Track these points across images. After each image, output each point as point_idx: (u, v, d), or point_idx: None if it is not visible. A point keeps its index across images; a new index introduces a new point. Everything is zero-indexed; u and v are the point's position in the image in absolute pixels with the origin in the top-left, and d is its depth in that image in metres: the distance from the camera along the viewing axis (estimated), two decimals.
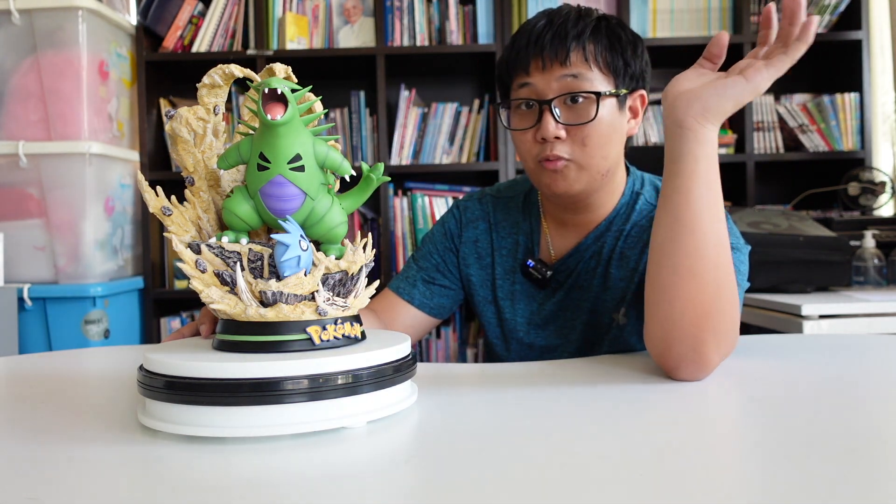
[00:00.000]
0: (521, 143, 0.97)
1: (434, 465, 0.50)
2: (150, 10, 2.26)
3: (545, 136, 0.92)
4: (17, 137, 2.00)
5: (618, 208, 1.01)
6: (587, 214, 1.02)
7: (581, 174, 0.94)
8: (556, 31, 0.91)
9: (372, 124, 2.39)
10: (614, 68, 0.93)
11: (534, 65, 0.93)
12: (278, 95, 0.55)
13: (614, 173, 0.98)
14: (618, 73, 0.93)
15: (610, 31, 0.94)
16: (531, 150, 0.95)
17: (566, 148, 0.93)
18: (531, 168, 0.97)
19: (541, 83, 0.93)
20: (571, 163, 0.93)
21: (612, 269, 1.00)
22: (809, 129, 2.34)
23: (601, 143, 0.93)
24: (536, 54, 0.92)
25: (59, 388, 0.76)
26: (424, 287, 1.10)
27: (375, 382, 0.58)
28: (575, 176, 0.94)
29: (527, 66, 0.93)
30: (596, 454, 0.51)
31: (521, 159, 0.99)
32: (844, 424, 0.57)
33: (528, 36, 0.93)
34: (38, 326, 2.02)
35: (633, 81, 0.96)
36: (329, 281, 0.60)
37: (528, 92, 0.94)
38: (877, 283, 1.84)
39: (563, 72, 0.91)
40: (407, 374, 0.62)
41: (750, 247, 0.95)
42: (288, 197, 0.59)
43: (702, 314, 0.74)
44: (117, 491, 0.46)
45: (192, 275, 0.59)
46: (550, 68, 0.92)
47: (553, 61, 0.91)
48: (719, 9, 2.34)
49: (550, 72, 0.92)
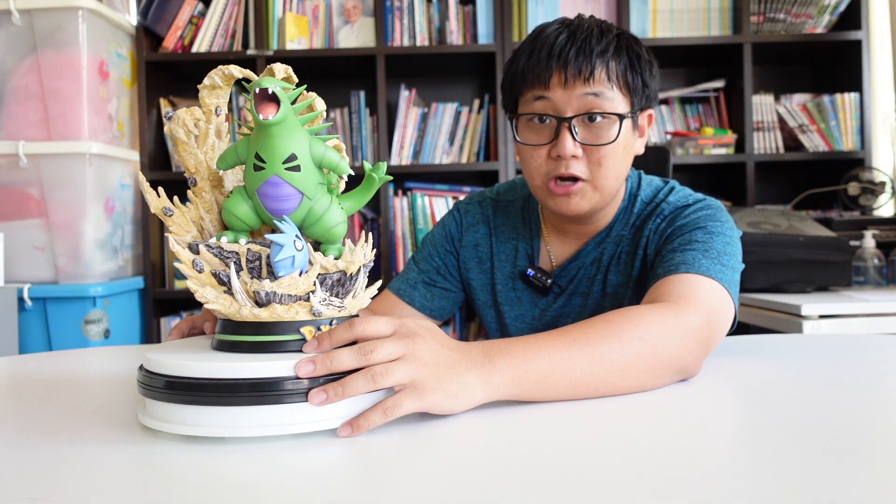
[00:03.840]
0: (531, 159, 0.94)
1: (434, 465, 0.50)
2: (150, 10, 2.26)
3: (562, 154, 0.90)
4: (17, 137, 2.00)
5: (618, 214, 1.01)
6: (589, 225, 1.02)
7: (594, 195, 0.93)
8: (580, 47, 0.89)
9: (372, 124, 2.39)
10: (633, 88, 0.92)
11: (555, 79, 0.90)
12: (270, 95, 0.55)
13: (621, 190, 0.99)
14: (636, 93, 0.92)
15: (630, 49, 0.92)
16: (541, 166, 0.93)
17: (581, 167, 0.91)
18: (538, 185, 0.95)
19: (560, 99, 0.90)
20: (587, 183, 0.92)
21: (611, 276, 1.00)
22: (809, 129, 2.34)
23: (617, 164, 0.92)
24: (559, 69, 0.89)
25: (59, 388, 0.76)
26: (425, 289, 1.10)
27: None
28: (587, 196, 0.93)
29: (547, 79, 0.90)
30: (596, 454, 0.51)
31: (528, 175, 0.96)
32: (844, 424, 0.57)
33: (550, 49, 0.90)
34: (38, 326, 2.02)
35: (647, 101, 0.95)
36: (327, 281, 0.60)
37: (545, 106, 0.91)
38: (877, 283, 1.84)
39: (586, 89, 0.89)
40: None
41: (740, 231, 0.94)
42: (284, 197, 0.59)
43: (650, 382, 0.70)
44: (117, 491, 0.46)
45: (189, 274, 0.59)
46: (573, 85, 0.89)
47: (576, 78, 0.89)
48: (719, 9, 2.34)
49: (572, 88, 0.89)
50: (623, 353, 0.67)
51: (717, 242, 0.88)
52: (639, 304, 0.79)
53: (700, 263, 0.84)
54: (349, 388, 0.54)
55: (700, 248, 0.87)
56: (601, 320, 0.71)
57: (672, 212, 0.96)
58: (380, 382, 0.55)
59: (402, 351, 0.57)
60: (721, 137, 2.31)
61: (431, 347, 0.59)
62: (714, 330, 0.78)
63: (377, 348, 0.56)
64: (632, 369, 0.68)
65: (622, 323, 0.70)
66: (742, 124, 2.31)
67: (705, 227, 0.91)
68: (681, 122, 2.42)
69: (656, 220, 0.97)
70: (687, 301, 0.77)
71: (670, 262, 0.87)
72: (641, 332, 0.69)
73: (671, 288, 0.81)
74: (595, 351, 0.66)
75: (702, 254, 0.85)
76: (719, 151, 2.30)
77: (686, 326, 0.73)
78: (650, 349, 0.69)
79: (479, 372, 0.61)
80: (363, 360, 0.56)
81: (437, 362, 0.58)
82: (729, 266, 0.85)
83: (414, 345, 0.58)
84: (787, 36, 2.29)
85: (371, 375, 0.55)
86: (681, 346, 0.71)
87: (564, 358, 0.65)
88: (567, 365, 0.64)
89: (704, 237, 0.89)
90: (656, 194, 1.00)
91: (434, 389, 0.57)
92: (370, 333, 0.57)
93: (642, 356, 0.68)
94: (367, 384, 0.55)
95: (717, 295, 0.81)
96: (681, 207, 0.96)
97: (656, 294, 0.82)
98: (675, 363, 0.71)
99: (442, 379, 0.58)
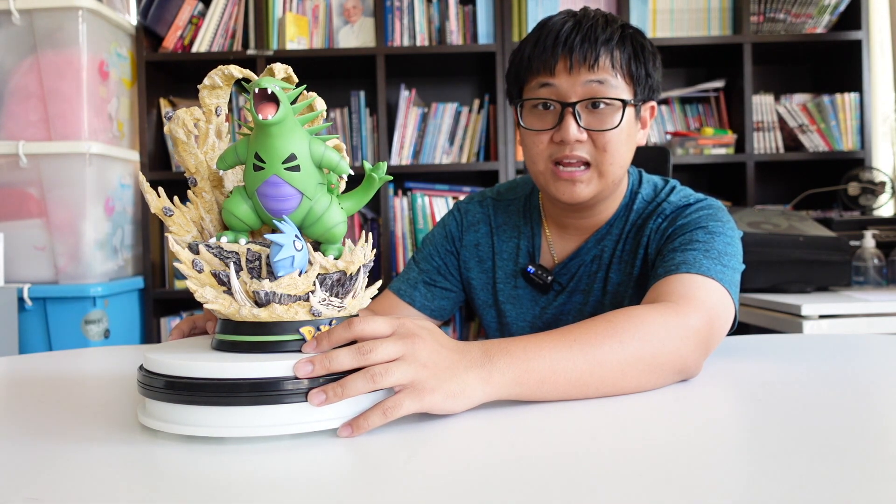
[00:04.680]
0: (534, 144, 0.95)
1: (434, 465, 0.50)
2: (150, 10, 2.26)
3: (566, 138, 0.91)
4: (17, 137, 2.00)
5: (618, 210, 1.02)
6: (590, 219, 1.02)
7: (598, 182, 0.94)
8: (585, 35, 0.90)
9: (372, 124, 2.39)
10: (637, 77, 0.93)
11: (561, 65, 0.91)
12: (269, 95, 0.55)
13: (622, 182, 0.99)
14: (639, 83, 0.94)
15: (635, 40, 0.94)
16: (544, 151, 0.94)
17: (586, 151, 0.92)
18: (540, 170, 0.96)
19: (565, 85, 0.91)
20: (592, 169, 0.93)
21: (612, 274, 1.01)
22: (809, 129, 2.34)
23: (621, 150, 0.93)
24: (565, 55, 0.90)
25: (59, 388, 0.76)
26: (425, 289, 1.10)
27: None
28: (592, 183, 0.93)
29: (552, 66, 0.91)
30: (596, 454, 0.51)
31: (530, 160, 0.97)
32: (844, 424, 0.57)
33: (556, 36, 0.91)
34: (38, 326, 2.02)
35: (650, 92, 0.97)
36: (327, 281, 0.60)
37: (550, 92, 0.93)
38: (877, 283, 1.84)
39: (590, 76, 0.90)
40: None
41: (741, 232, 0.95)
42: (284, 197, 0.59)
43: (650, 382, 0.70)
44: (117, 491, 0.46)
45: (188, 274, 0.59)
46: (578, 71, 0.90)
47: (581, 65, 0.90)
48: (719, 9, 2.34)
49: (577, 75, 0.91)
50: (624, 354, 0.67)
51: (719, 243, 0.88)
52: (639, 304, 0.79)
53: (701, 264, 0.84)
54: (348, 389, 0.54)
55: (701, 248, 0.87)
56: (602, 320, 0.71)
57: (673, 211, 0.97)
58: (379, 383, 0.55)
59: (401, 351, 0.57)
60: (721, 137, 2.31)
61: (431, 348, 0.59)
62: (714, 331, 0.78)
63: (376, 348, 0.56)
64: (632, 370, 0.68)
65: (623, 323, 0.70)
66: (742, 124, 2.31)
67: (706, 226, 0.91)
68: (681, 122, 2.42)
69: (657, 219, 0.98)
70: (688, 301, 0.78)
71: (671, 261, 0.87)
72: (642, 333, 0.69)
73: (672, 288, 0.81)
74: (596, 351, 0.66)
75: (703, 254, 0.86)
76: (719, 151, 2.31)
77: (687, 327, 0.73)
78: (651, 350, 0.69)
79: (478, 372, 0.61)
80: (362, 360, 0.56)
81: (437, 362, 0.58)
82: (729, 266, 0.86)
83: (413, 345, 0.58)
84: (787, 36, 2.29)
85: (370, 376, 0.55)
86: (682, 347, 0.71)
87: (565, 358, 0.65)
88: (568, 365, 0.64)
89: (706, 237, 0.89)
90: (657, 193, 1.01)
91: (434, 390, 0.57)
92: (369, 333, 0.58)
93: (643, 357, 0.68)
94: (366, 384, 0.55)
95: (718, 295, 0.81)
96: (682, 207, 0.97)
97: (657, 294, 0.82)
98: (675, 364, 0.71)
99: (441, 379, 0.58)
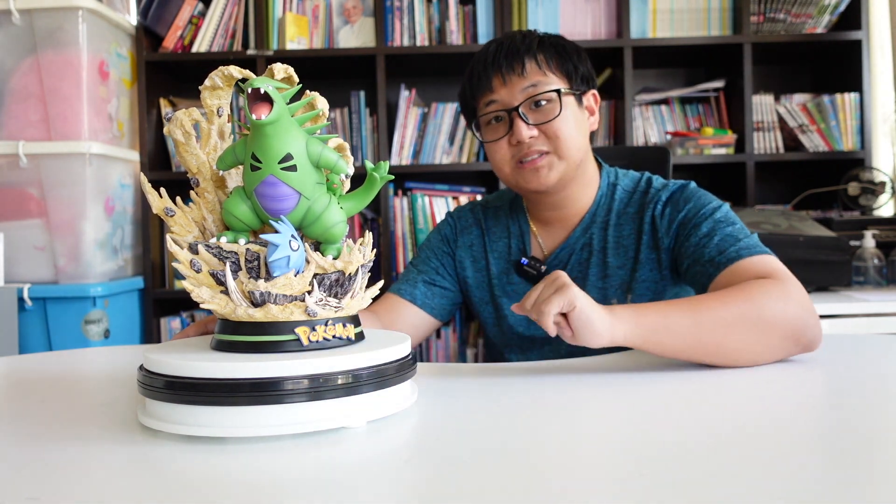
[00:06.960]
0: (496, 153, 1.05)
1: (434, 465, 0.50)
2: (150, 10, 2.26)
3: (520, 138, 1.01)
4: (17, 137, 2.00)
5: (597, 200, 1.09)
6: (567, 209, 1.10)
7: (559, 164, 1.02)
8: (507, 51, 1.02)
9: (372, 124, 2.39)
10: (566, 71, 1.04)
11: (496, 82, 1.02)
12: (263, 95, 0.55)
13: (586, 166, 1.07)
14: (570, 76, 1.04)
15: (554, 42, 1.05)
16: (505, 154, 1.04)
17: (541, 143, 1.01)
18: (508, 173, 1.05)
19: (506, 96, 1.02)
20: (551, 154, 1.01)
21: (610, 258, 1.07)
22: (809, 129, 2.34)
23: (572, 133, 1.02)
24: (496, 72, 1.02)
25: (59, 388, 0.76)
26: (426, 288, 1.14)
27: (375, 382, 0.58)
28: (555, 167, 1.02)
29: (489, 84, 1.03)
30: (596, 453, 0.51)
31: (498, 168, 1.06)
32: (844, 424, 0.57)
33: (485, 60, 1.03)
34: (38, 326, 2.02)
35: (585, 83, 1.07)
36: (325, 281, 0.60)
37: (496, 106, 1.03)
38: (877, 283, 1.84)
39: (524, 83, 1.01)
40: (407, 374, 0.62)
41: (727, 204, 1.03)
42: (281, 197, 0.59)
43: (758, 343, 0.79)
44: (117, 491, 0.46)
45: (186, 274, 0.59)
46: (511, 82, 1.01)
47: (511, 75, 1.01)
48: (719, 9, 2.34)
49: (511, 85, 1.01)
50: (726, 312, 0.78)
51: (731, 216, 0.99)
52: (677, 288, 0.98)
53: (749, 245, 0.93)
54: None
55: (728, 228, 0.96)
56: (708, 293, 0.84)
57: (669, 196, 1.05)
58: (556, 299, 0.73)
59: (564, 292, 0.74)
60: (721, 137, 2.31)
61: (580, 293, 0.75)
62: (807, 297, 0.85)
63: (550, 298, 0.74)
64: (739, 326, 0.78)
65: (725, 293, 0.82)
66: (742, 124, 2.31)
67: (710, 203, 1.01)
68: (681, 122, 2.42)
69: (657, 206, 1.05)
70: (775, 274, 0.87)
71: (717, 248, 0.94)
72: (745, 295, 0.80)
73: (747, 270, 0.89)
74: (701, 307, 0.79)
75: (739, 232, 0.96)
76: (719, 151, 2.30)
77: (787, 291, 0.82)
78: (754, 308, 0.79)
79: (605, 311, 0.76)
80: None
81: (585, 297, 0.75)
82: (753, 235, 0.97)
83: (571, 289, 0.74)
84: (787, 36, 2.29)
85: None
86: (787, 310, 0.80)
87: (673, 313, 0.78)
88: (675, 319, 0.78)
89: (721, 215, 0.99)
90: (637, 183, 1.11)
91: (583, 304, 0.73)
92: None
93: (747, 315, 0.78)
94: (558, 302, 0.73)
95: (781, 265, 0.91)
96: (676, 190, 1.05)
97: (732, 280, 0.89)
98: (784, 327, 0.79)
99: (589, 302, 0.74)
